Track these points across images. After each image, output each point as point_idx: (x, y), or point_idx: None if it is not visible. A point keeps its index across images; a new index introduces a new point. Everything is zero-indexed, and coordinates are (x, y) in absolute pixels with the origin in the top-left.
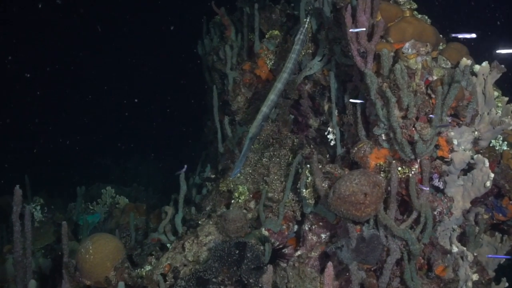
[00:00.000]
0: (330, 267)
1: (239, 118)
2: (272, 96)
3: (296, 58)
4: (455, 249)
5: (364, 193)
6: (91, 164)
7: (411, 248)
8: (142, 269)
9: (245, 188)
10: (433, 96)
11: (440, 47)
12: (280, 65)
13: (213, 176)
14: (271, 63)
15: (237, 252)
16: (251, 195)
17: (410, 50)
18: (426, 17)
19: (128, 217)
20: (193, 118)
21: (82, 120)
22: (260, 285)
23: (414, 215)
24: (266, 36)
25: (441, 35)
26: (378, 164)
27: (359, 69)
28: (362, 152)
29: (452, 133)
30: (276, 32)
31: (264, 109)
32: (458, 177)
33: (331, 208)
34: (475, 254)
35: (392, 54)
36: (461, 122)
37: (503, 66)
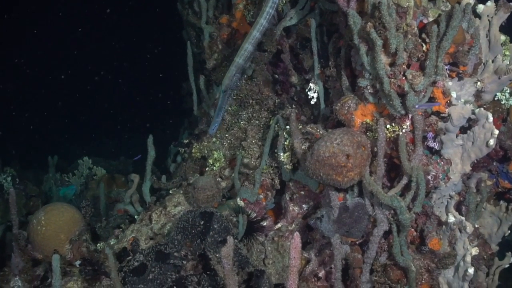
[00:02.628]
0: (297, 237)
1: (215, 77)
2: (246, 45)
3: (276, 0)
4: (452, 219)
5: (346, 155)
6: (84, 139)
7: (400, 218)
8: (106, 243)
9: (221, 154)
10: (427, 40)
11: None
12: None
13: (186, 141)
14: (250, 14)
15: (202, 223)
16: (227, 162)
17: None
18: None
19: (106, 188)
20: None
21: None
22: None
23: (404, 180)
24: None
25: None
26: (364, 122)
27: (342, 11)
28: (346, 108)
29: (450, 84)
30: None
31: (237, 59)
32: (457, 136)
33: (309, 172)
34: (476, 225)
35: None
36: (461, 71)
37: (511, 4)
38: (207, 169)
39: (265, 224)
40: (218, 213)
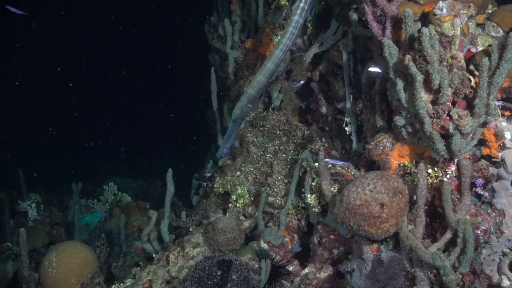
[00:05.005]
0: None
1: None
2: (259, 77)
3: (294, 31)
4: (506, 283)
5: (380, 203)
6: (115, 158)
7: (444, 279)
8: (121, 285)
9: (245, 189)
10: (476, 73)
11: (489, 10)
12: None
13: (208, 174)
14: (277, 39)
15: (219, 273)
16: (252, 198)
17: (445, 10)
18: None
19: (130, 216)
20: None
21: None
22: None
23: (449, 234)
24: (272, 6)
25: None
26: (401, 164)
27: (377, 39)
28: (381, 148)
29: (504, 124)
30: (284, 1)
31: (249, 90)
32: (511, 184)
33: (338, 220)
34: None
35: (417, 17)
36: None
37: None
38: (230, 205)
39: (290, 269)
40: (237, 262)
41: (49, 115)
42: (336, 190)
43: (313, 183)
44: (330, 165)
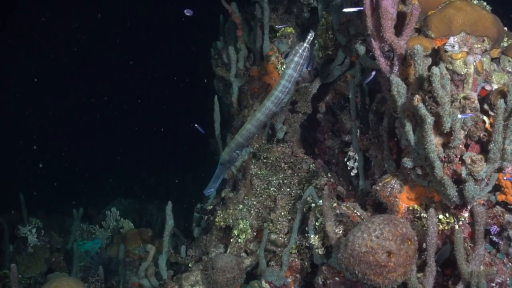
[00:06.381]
0: None
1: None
2: (248, 126)
3: (287, 85)
4: None
5: (387, 251)
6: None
7: None
8: None
9: (247, 224)
10: (490, 113)
11: (505, 43)
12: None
13: (210, 207)
14: (282, 68)
15: None
16: (254, 233)
17: (457, 47)
18: (484, 3)
19: (131, 244)
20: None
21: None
22: None
23: (461, 287)
24: (278, 34)
25: (505, 28)
26: (410, 208)
27: (385, 75)
28: (389, 190)
29: None
30: (290, 29)
31: (238, 137)
32: None
33: (342, 266)
34: None
35: (429, 52)
36: None
37: None
38: (231, 240)
39: None
40: None
41: (54, 131)
42: (341, 232)
43: (317, 223)
44: (334, 204)
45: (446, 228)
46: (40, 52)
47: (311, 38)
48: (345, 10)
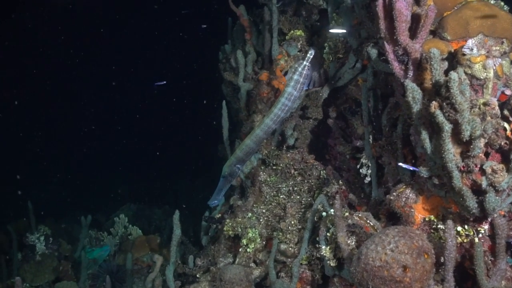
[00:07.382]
0: None
1: None
2: (248, 141)
3: (287, 103)
4: None
5: (402, 266)
6: (134, 183)
7: None
8: None
9: (256, 232)
10: (511, 119)
11: None
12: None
13: (218, 215)
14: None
15: None
16: (263, 242)
17: (475, 50)
18: (502, 3)
19: (140, 251)
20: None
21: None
22: None
23: None
24: (287, 37)
25: None
26: (427, 219)
27: (399, 80)
28: (403, 200)
29: None
30: (299, 32)
31: (239, 152)
32: None
33: (355, 281)
34: None
35: (445, 56)
36: None
37: None
38: (240, 249)
39: None
40: None
41: (62, 138)
42: (353, 243)
43: (328, 233)
44: (347, 214)
45: (465, 241)
46: (52, 54)
47: (311, 56)
48: (332, 31)
